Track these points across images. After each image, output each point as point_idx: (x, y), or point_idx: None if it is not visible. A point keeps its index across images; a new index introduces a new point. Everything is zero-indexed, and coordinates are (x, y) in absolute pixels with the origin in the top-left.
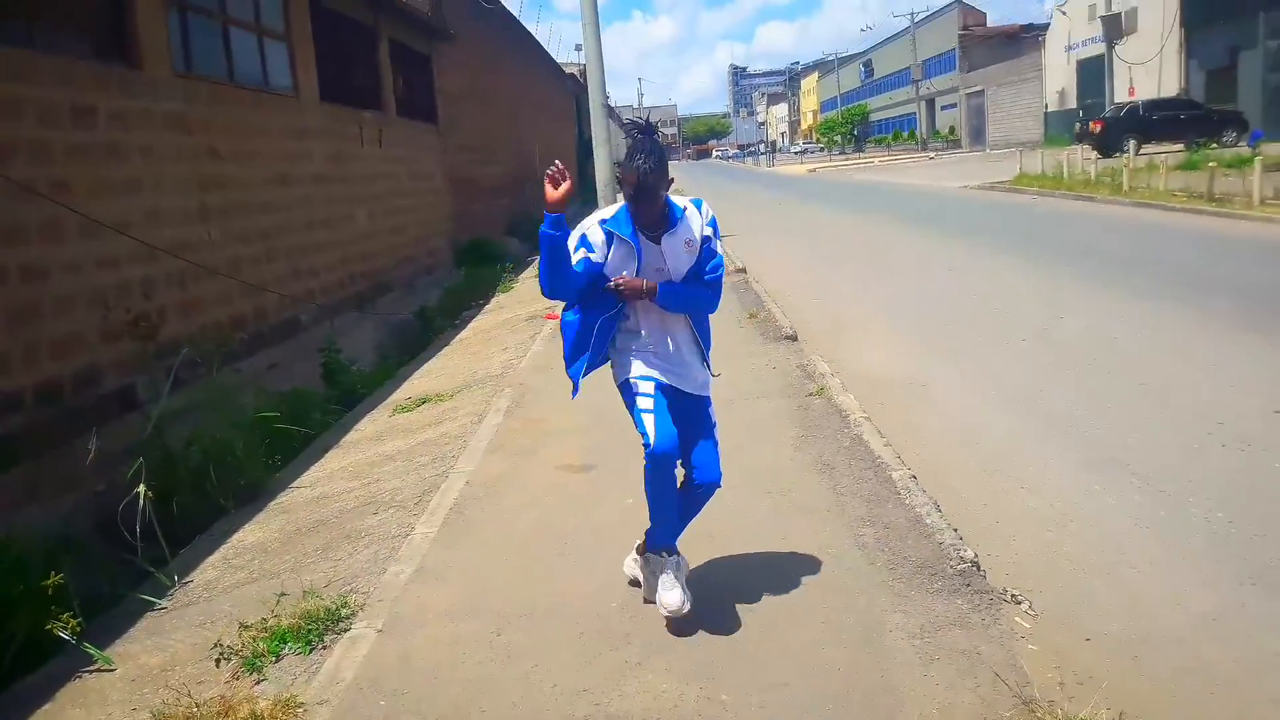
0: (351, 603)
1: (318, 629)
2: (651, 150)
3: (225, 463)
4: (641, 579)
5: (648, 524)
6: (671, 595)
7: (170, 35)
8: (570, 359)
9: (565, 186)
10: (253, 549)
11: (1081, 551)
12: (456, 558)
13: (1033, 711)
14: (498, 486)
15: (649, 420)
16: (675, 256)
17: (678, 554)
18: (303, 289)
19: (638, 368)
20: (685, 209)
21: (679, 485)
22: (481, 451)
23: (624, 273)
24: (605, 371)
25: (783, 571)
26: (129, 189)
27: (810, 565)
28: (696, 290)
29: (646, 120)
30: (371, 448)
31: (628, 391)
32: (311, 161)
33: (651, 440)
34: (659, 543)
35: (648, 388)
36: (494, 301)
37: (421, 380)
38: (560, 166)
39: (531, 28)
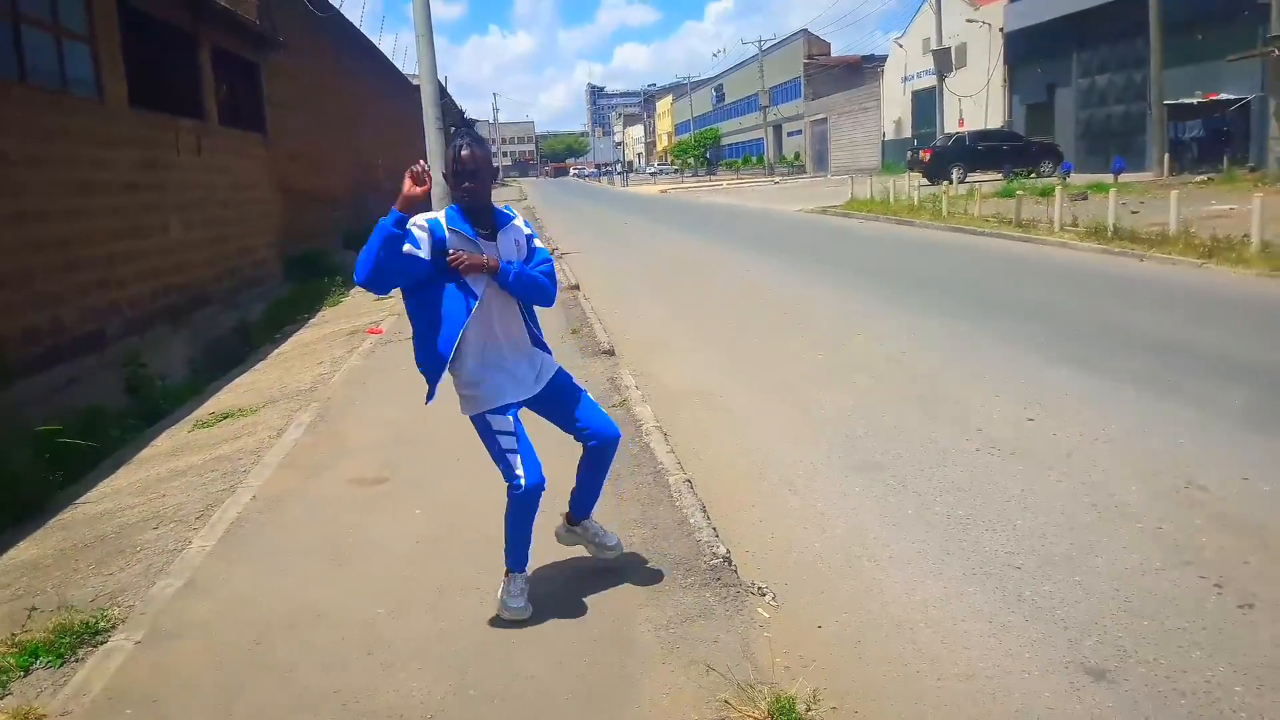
0: (112, 616)
1: (70, 642)
2: (475, 138)
3: (2, 478)
4: (587, 545)
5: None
6: (520, 601)
7: None
8: (424, 359)
9: (425, 188)
10: (22, 566)
11: (830, 547)
12: (229, 571)
13: (745, 692)
14: (284, 501)
15: (515, 459)
16: (509, 254)
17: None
18: (107, 301)
19: (489, 398)
20: (509, 213)
21: (584, 452)
22: (274, 466)
23: (478, 288)
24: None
25: (553, 574)
26: None
27: (578, 566)
28: (537, 276)
29: (462, 116)
30: (164, 463)
31: (482, 426)
32: (119, 169)
33: (522, 480)
34: (516, 566)
35: (505, 424)
36: (319, 315)
37: (228, 395)
38: (425, 165)
39: (375, 39)
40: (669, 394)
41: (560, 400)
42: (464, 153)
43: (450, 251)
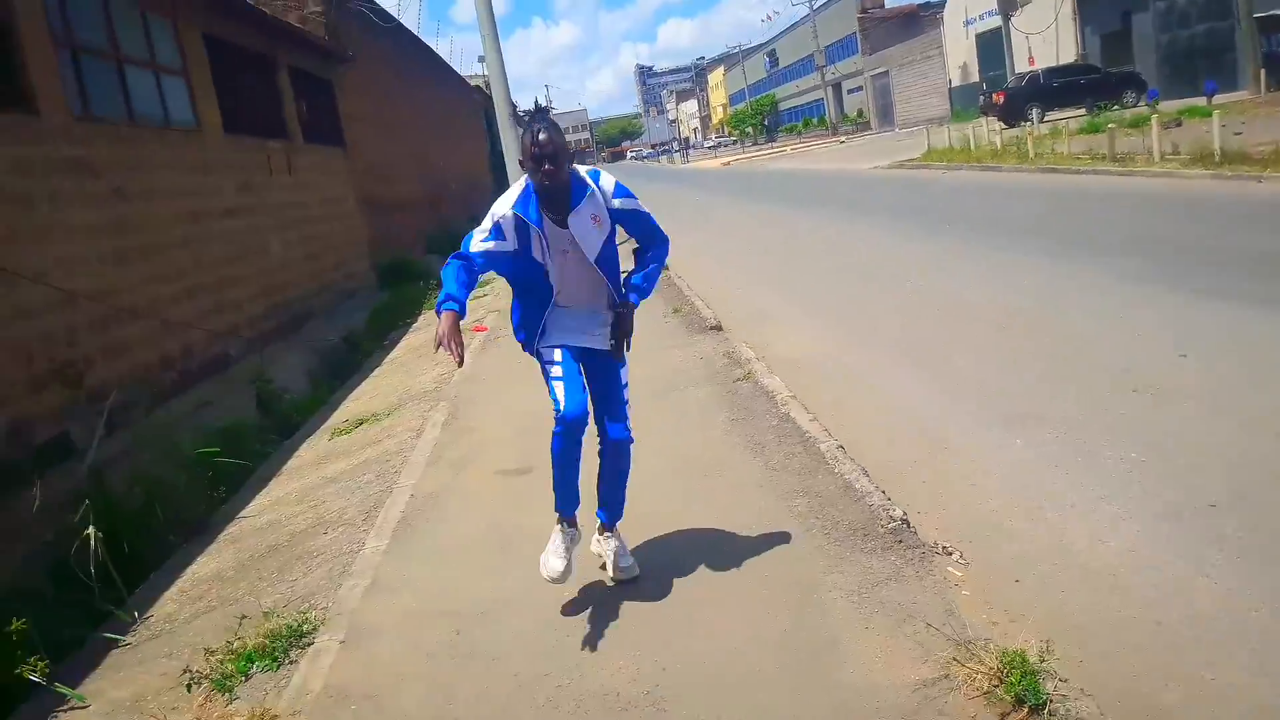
0: (312, 618)
1: (282, 645)
2: (547, 124)
3: (170, 500)
4: (599, 552)
5: (593, 515)
6: (556, 561)
7: (64, 78)
8: (520, 330)
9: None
10: (209, 579)
11: (1005, 502)
12: (409, 568)
13: (968, 649)
14: (441, 496)
15: (559, 387)
16: (585, 235)
17: (576, 528)
18: (227, 323)
19: (550, 336)
20: (587, 184)
21: (598, 451)
22: (422, 465)
23: (541, 258)
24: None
25: (723, 545)
26: (39, 237)
27: (748, 537)
28: (652, 270)
29: (536, 104)
30: (313, 472)
31: (539, 359)
32: (222, 194)
33: (562, 405)
34: (560, 510)
35: (556, 355)
36: (421, 319)
37: (356, 402)
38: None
39: (432, 43)
40: (789, 364)
41: (603, 381)
42: (541, 136)
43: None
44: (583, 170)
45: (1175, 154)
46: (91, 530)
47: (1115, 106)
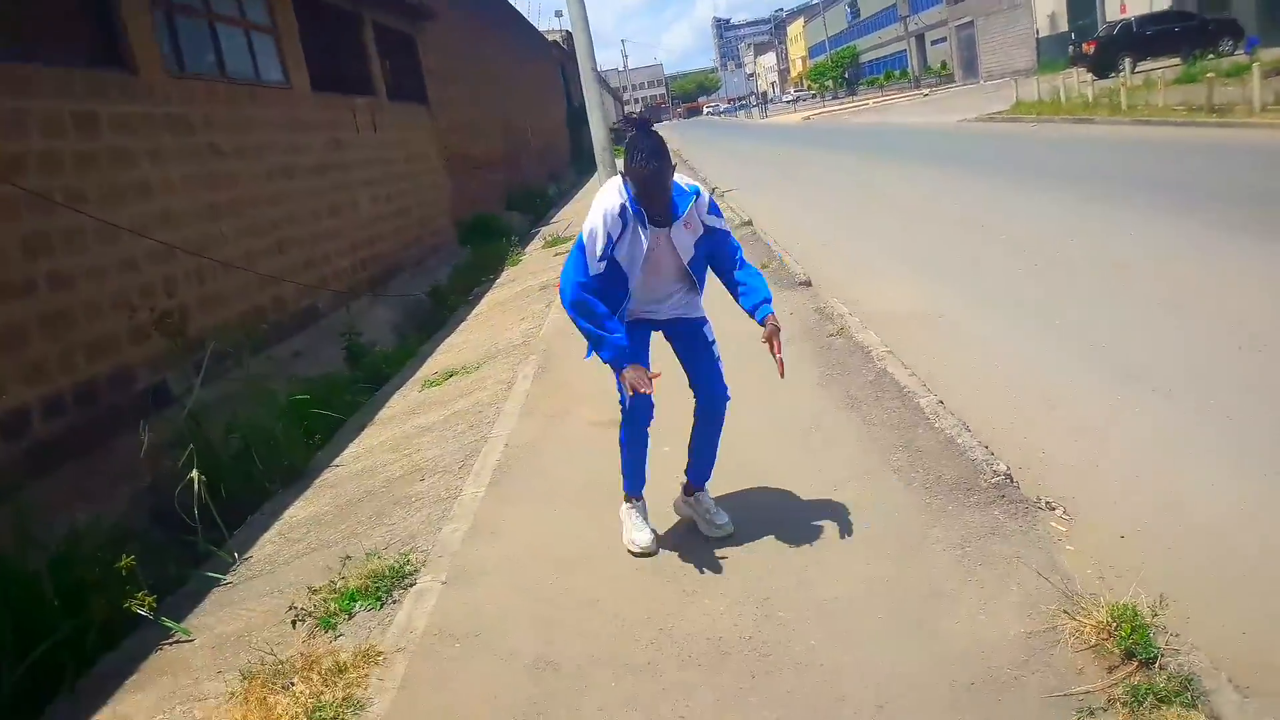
0: (414, 560)
1: (385, 586)
2: (653, 148)
3: (266, 447)
4: (697, 518)
5: (684, 468)
6: (643, 534)
7: (159, 37)
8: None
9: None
10: (306, 522)
11: (1110, 458)
12: (507, 513)
13: (1075, 602)
14: (536, 446)
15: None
16: (681, 241)
17: (643, 499)
18: (316, 277)
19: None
20: (688, 194)
21: (694, 411)
22: (516, 415)
23: (623, 257)
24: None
25: (821, 498)
26: (140, 192)
27: (847, 490)
28: (754, 273)
29: (640, 114)
30: (406, 422)
31: None
32: (311, 151)
33: (627, 397)
34: (629, 491)
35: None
36: (504, 275)
37: (445, 355)
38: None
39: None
40: (885, 319)
41: (686, 346)
42: (653, 164)
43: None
44: (683, 181)
45: (1278, 104)
46: (195, 474)
47: (1211, 55)
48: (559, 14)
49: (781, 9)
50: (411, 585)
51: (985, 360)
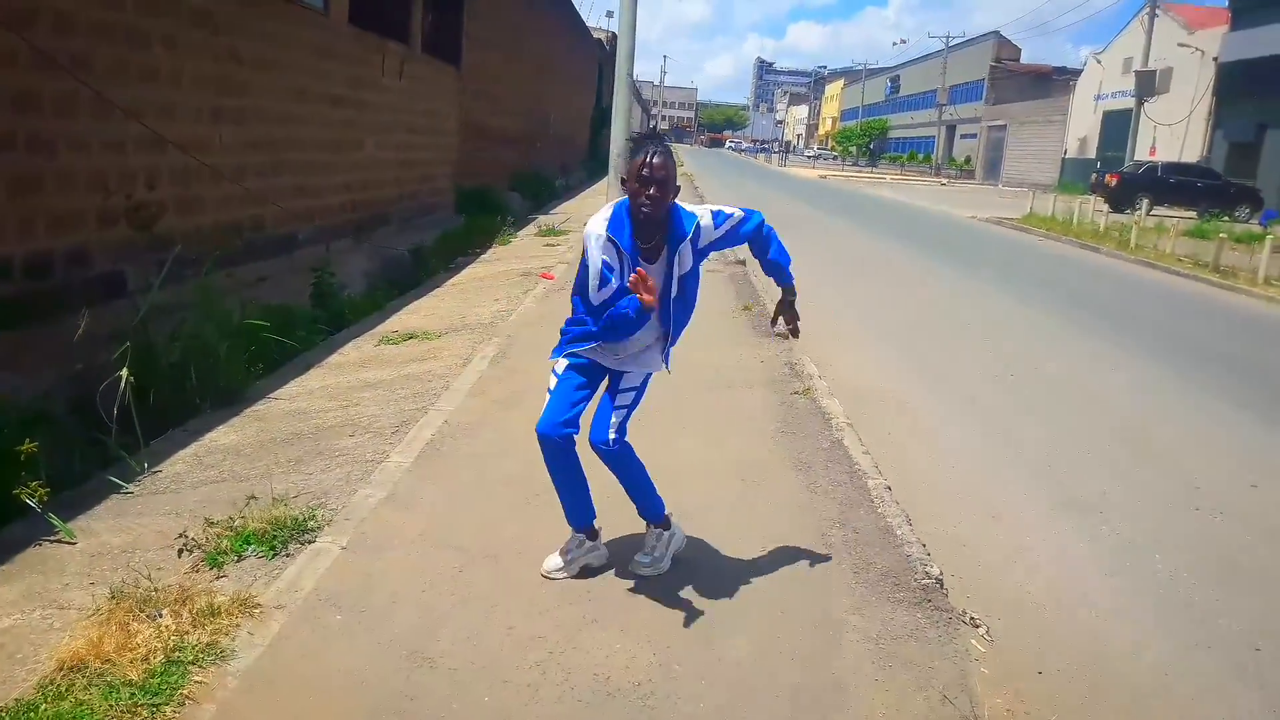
0: (319, 517)
1: (283, 536)
2: (663, 148)
3: (206, 363)
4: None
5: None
6: (553, 557)
7: None
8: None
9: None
10: (225, 450)
11: (1044, 586)
12: (428, 490)
13: None
14: (476, 429)
15: (548, 400)
16: (671, 272)
17: (591, 539)
18: (303, 207)
19: (572, 343)
20: (690, 219)
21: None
22: (463, 394)
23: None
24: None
25: (749, 557)
26: (146, 76)
27: (777, 555)
28: (778, 248)
29: (653, 129)
30: (354, 373)
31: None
32: (331, 82)
33: (540, 420)
34: (570, 520)
35: (559, 365)
36: (490, 252)
37: (410, 316)
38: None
39: None
40: (851, 389)
41: (611, 390)
42: (655, 160)
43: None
44: (687, 206)
45: None
46: (125, 373)
47: (1226, 217)
48: (610, 14)
49: (825, 66)
50: (310, 543)
51: (941, 457)
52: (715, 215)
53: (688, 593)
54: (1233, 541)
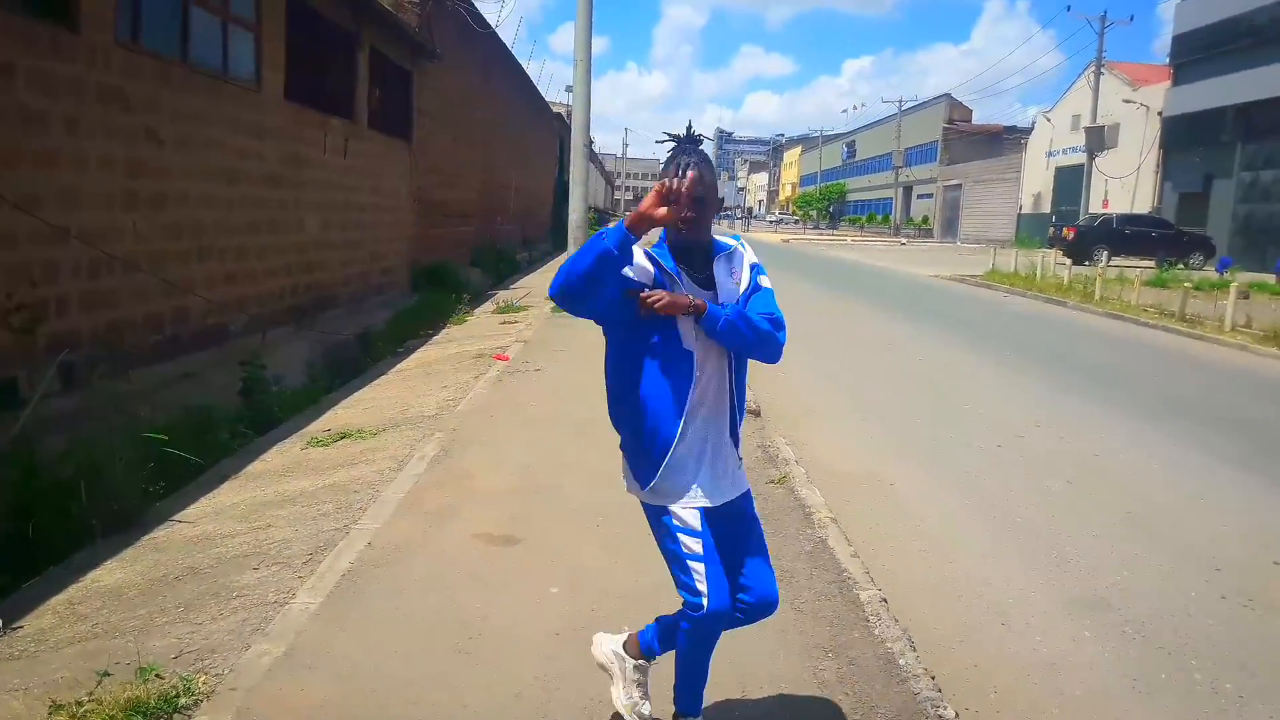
0: (197, 687)
1: None
2: (703, 158)
3: (101, 482)
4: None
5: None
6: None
7: (119, 2)
8: (637, 447)
9: (670, 215)
10: (106, 594)
11: (1073, 715)
12: (338, 641)
13: None
14: (403, 553)
15: (699, 571)
16: (725, 290)
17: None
18: (235, 295)
19: (674, 486)
20: (728, 243)
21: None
22: (394, 505)
23: (683, 325)
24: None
25: (725, 708)
26: (44, 162)
27: (759, 702)
28: (758, 321)
29: (689, 130)
30: (273, 484)
31: (662, 519)
32: (265, 161)
33: (705, 600)
34: (688, 709)
35: (694, 521)
36: (444, 333)
37: (347, 411)
38: (680, 186)
39: (524, 63)
40: (830, 474)
41: (734, 529)
42: (691, 173)
43: (644, 291)
44: (725, 236)
45: (1247, 327)
46: None
47: (1182, 265)
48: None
49: (783, 134)
50: None
51: (934, 548)
52: (755, 262)
53: None
54: (1270, 636)
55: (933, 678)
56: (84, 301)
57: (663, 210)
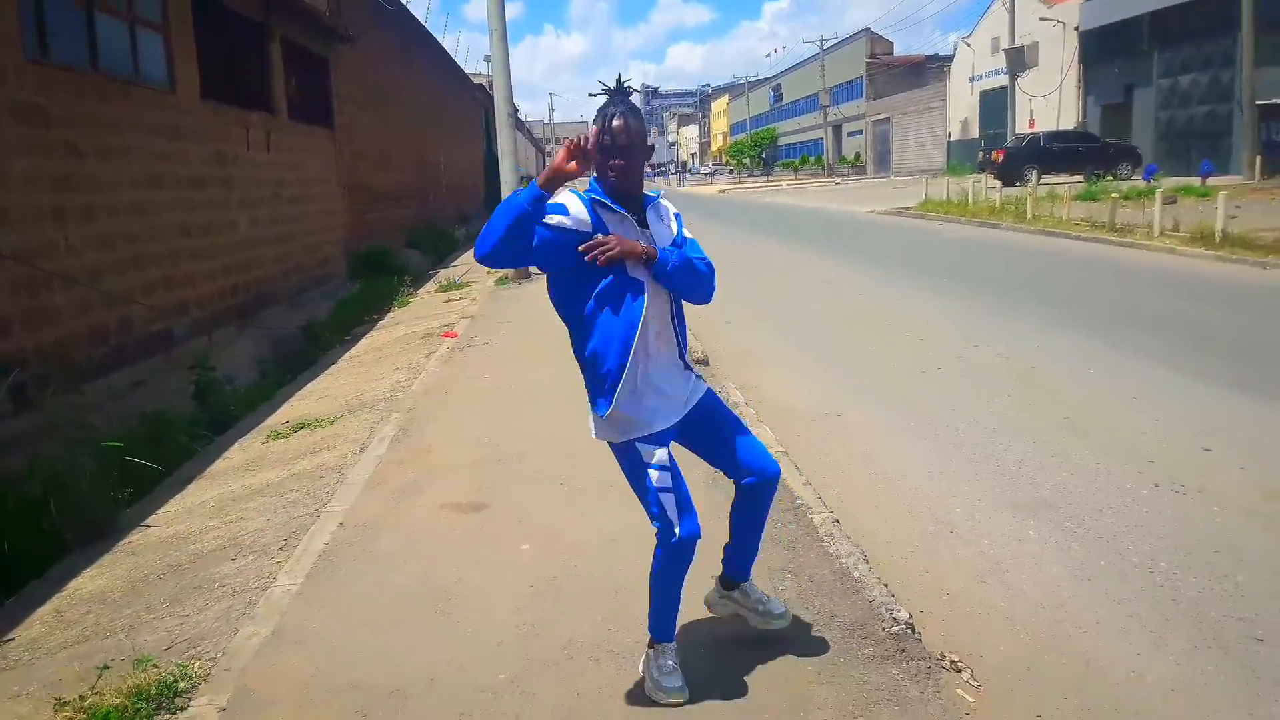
0: (193, 672)
1: (147, 709)
2: (629, 108)
3: (68, 496)
4: (746, 613)
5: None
6: (675, 678)
7: (22, 17)
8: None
9: (581, 168)
10: (91, 600)
11: (1021, 608)
12: (321, 618)
13: None
14: (375, 529)
15: (668, 501)
16: (659, 234)
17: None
18: (175, 300)
19: (642, 422)
20: (654, 196)
21: (736, 496)
22: (360, 486)
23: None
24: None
25: (694, 631)
26: None
27: (724, 624)
28: (698, 263)
29: (618, 81)
30: (239, 479)
31: (630, 456)
32: (189, 163)
33: (676, 528)
34: (663, 635)
35: (660, 456)
36: (389, 316)
37: (302, 402)
38: (589, 140)
39: (439, 37)
40: (779, 412)
41: (712, 425)
42: (615, 122)
43: (597, 237)
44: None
45: (1175, 231)
46: None
47: (1110, 177)
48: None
49: (709, 84)
50: (183, 709)
51: (883, 471)
52: (677, 215)
53: (631, 685)
54: (1199, 516)
55: (886, 585)
56: (26, 320)
57: (572, 164)
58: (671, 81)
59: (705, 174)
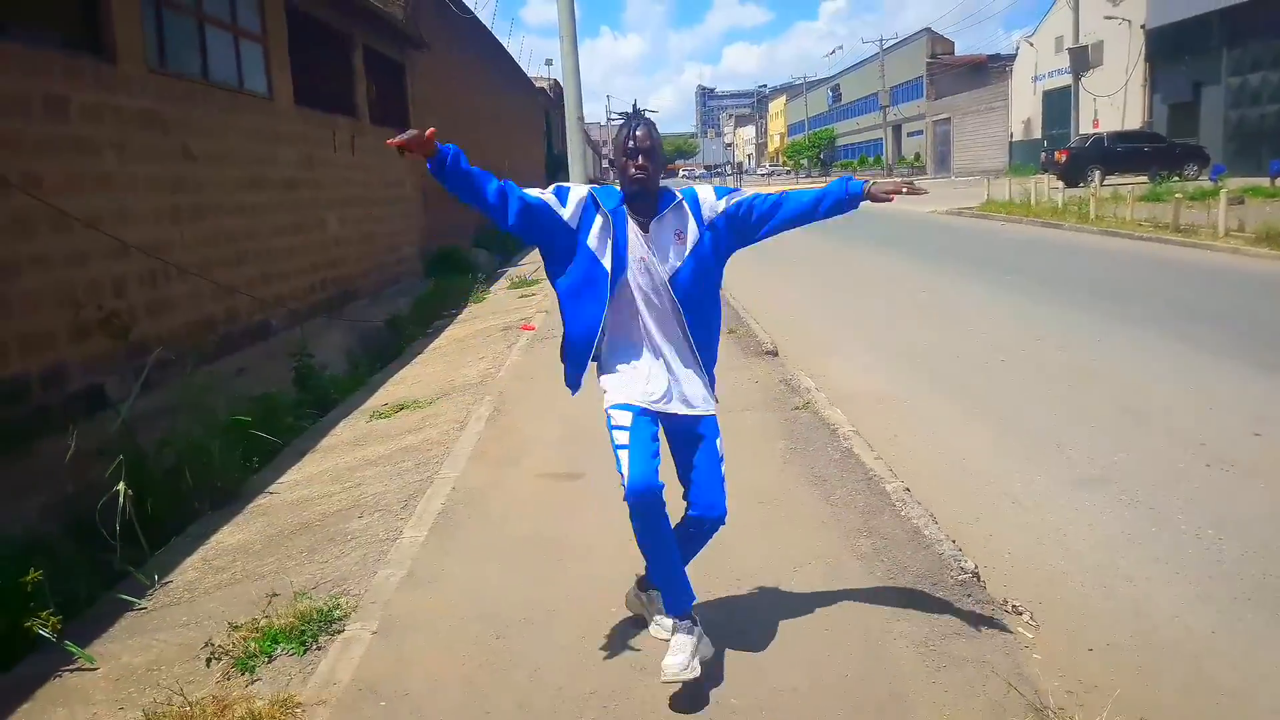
0: (344, 605)
1: (312, 630)
2: (645, 121)
3: (200, 465)
4: (647, 617)
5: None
6: (676, 658)
7: (145, 30)
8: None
9: (402, 138)
10: (234, 550)
11: (1076, 564)
12: (447, 562)
13: (1046, 718)
14: (484, 493)
15: (623, 457)
16: (661, 247)
17: (694, 621)
18: (273, 293)
19: (614, 392)
20: (678, 198)
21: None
22: (465, 458)
23: (599, 250)
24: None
25: (781, 581)
26: (101, 185)
27: (809, 574)
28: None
29: (634, 107)
30: (350, 453)
31: (607, 419)
32: (284, 165)
33: (625, 478)
34: (672, 610)
35: (624, 418)
36: (466, 311)
37: (397, 387)
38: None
39: (503, 40)
40: (849, 397)
41: (693, 448)
42: (639, 131)
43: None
44: (678, 188)
45: (1240, 231)
46: (122, 486)
47: (1176, 178)
48: (549, 62)
49: (765, 85)
50: (340, 632)
51: (949, 452)
52: (716, 190)
53: (727, 625)
54: (1245, 492)
55: (953, 541)
56: (150, 308)
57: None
58: (727, 83)
59: (762, 174)
